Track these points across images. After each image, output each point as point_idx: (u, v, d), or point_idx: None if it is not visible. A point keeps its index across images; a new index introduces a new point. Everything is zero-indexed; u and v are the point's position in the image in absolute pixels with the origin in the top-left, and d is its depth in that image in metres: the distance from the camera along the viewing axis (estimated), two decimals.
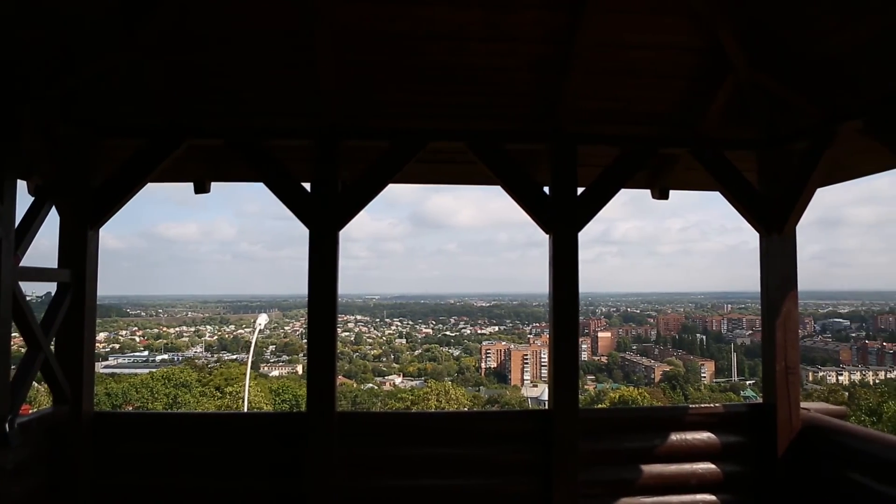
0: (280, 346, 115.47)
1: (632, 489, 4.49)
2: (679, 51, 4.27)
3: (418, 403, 36.51)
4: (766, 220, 4.58)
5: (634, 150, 4.47)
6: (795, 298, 4.60)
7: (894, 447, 3.86)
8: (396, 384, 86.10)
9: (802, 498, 4.41)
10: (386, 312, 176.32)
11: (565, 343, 4.35)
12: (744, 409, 4.90)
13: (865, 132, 3.85)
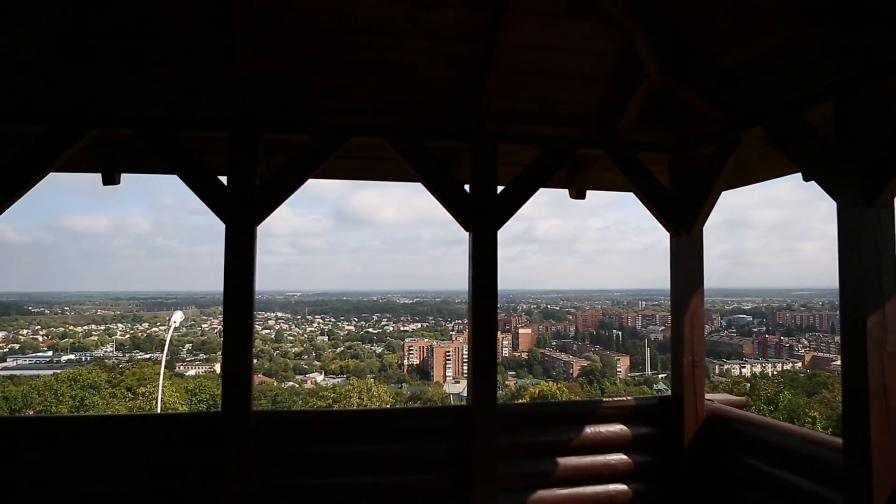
0: (197, 344, 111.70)
1: (548, 481, 4.61)
2: (596, 55, 4.40)
3: (340, 401, 36.14)
4: (676, 221, 4.80)
5: (553, 151, 4.58)
6: (702, 295, 4.84)
7: (785, 433, 4.13)
8: (318, 382, 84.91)
9: (706, 483, 4.65)
10: (308, 309, 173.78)
11: (484, 340, 4.41)
12: (654, 401, 5.11)
13: (765, 139, 4.09)
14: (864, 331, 3.09)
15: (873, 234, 3.11)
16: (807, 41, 3.43)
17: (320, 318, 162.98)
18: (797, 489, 3.83)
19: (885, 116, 3.14)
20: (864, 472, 3.09)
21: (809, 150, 3.55)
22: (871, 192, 3.08)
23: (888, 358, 3.10)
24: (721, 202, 4.63)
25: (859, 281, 3.13)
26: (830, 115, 3.34)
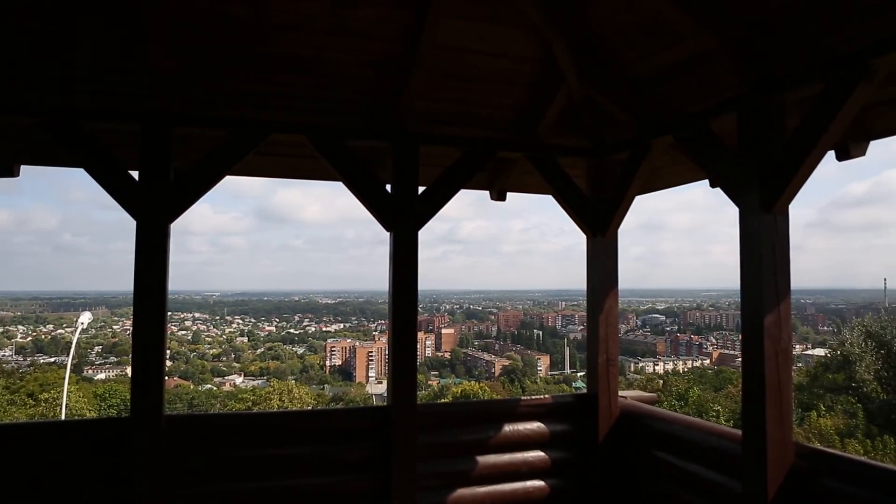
0: (108, 346, 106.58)
1: (467, 480, 4.66)
2: (518, 60, 4.48)
3: (260, 404, 35.32)
4: (592, 224, 4.95)
5: (474, 152, 4.63)
6: (616, 296, 5.02)
7: (692, 427, 4.34)
8: (237, 384, 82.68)
9: (619, 477, 4.82)
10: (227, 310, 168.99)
11: (404, 340, 4.41)
12: (570, 399, 5.25)
13: (675, 147, 4.29)
14: (762, 329, 3.29)
15: (771, 238, 3.32)
16: (713, 56, 3.60)
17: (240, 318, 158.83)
18: (702, 479, 4.03)
19: (781, 129, 3.36)
20: (760, 461, 3.29)
21: (715, 159, 3.75)
22: (769, 199, 3.29)
23: (783, 355, 3.31)
24: (638, 206, 4.83)
25: (758, 282, 3.33)
26: (734, 126, 3.54)
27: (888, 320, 38.73)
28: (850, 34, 2.97)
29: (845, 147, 3.64)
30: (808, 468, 3.30)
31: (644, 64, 4.14)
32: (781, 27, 3.24)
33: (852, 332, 38.56)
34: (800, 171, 3.16)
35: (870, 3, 2.83)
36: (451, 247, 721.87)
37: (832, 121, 3.00)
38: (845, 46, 2.98)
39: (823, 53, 3.11)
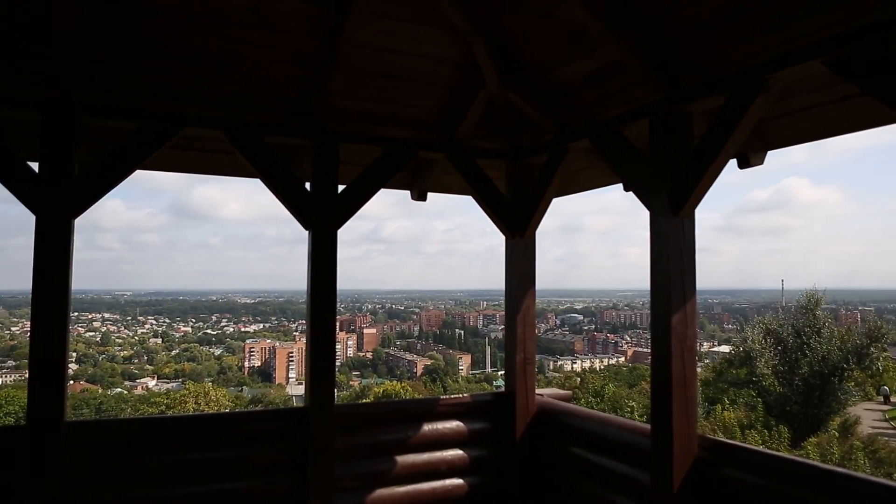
0: (5, 349, 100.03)
1: (386, 480, 4.65)
2: (439, 61, 4.52)
3: (174, 407, 34.03)
4: (511, 225, 5.04)
5: (395, 152, 4.63)
6: (534, 296, 5.12)
7: (604, 423, 4.48)
8: (150, 387, 79.33)
9: (536, 473, 4.92)
10: (139, 310, 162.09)
11: (322, 340, 4.35)
12: (489, 397, 5.32)
13: (591, 151, 4.42)
14: (670, 327, 3.44)
15: (678, 240, 3.47)
16: (628, 65, 3.73)
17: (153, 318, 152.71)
18: (614, 473, 4.17)
19: (689, 137, 3.52)
20: (666, 453, 3.44)
21: (628, 163, 3.90)
22: (677, 203, 3.44)
23: (688, 352, 3.48)
24: (558, 208, 4.99)
25: (666, 283, 3.48)
26: (646, 133, 3.69)
27: (785, 319, 41.25)
28: (751, 50, 3.15)
29: (746, 156, 3.86)
30: (710, 459, 3.47)
31: (562, 70, 4.24)
32: (690, 41, 3.39)
33: (753, 330, 40.84)
34: (704, 177, 3.32)
35: (767, 22, 3.01)
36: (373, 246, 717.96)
37: (734, 130, 3.17)
38: (746, 61, 3.15)
39: (727, 67, 3.28)
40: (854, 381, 39.65)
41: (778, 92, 3.12)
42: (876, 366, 39.44)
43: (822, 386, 36.59)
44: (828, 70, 2.77)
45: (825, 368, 36.64)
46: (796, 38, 2.90)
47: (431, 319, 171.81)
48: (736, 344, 47.33)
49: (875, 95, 2.58)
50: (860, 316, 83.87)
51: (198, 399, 34.92)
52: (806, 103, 3.50)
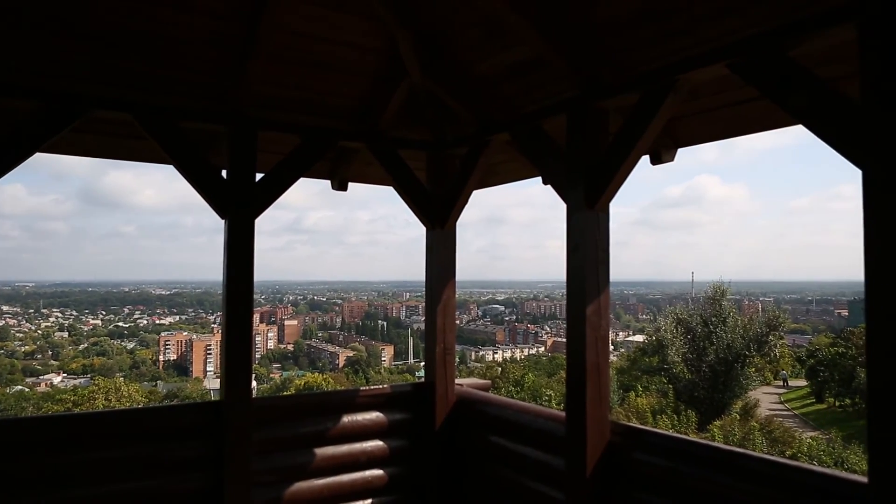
0: None
1: (305, 473, 4.60)
2: (362, 50, 4.46)
3: (82, 404, 32.47)
4: (432, 216, 5.05)
5: (315, 141, 4.54)
6: (454, 287, 5.16)
7: (521, 411, 4.58)
8: (55, 384, 75.24)
9: (455, 462, 4.98)
10: (43, 302, 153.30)
11: (238, 332, 4.24)
12: (409, 388, 5.34)
13: (511, 144, 4.48)
14: (584, 317, 3.54)
15: (594, 233, 3.58)
16: (548, 60, 3.78)
17: (59, 311, 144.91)
18: (530, 459, 4.27)
19: (604, 133, 3.63)
20: (580, 439, 3.55)
21: (546, 157, 3.97)
22: (593, 197, 3.54)
23: (601, 341, 3.59)
24: (482, 200, 5.05)
25: (581, 274, 3.58)
26: (564, 128, 3.77)
27: (694, 309, 43.34)
28: (662, 51, 3.26)
29: (658, 153, 4.02)
30: (621, 443, 3.61)
31: (485, 63, 4.27)
32: (607, 40, 3.48)
33: (665, 320, 42.76)
34: (619, 172, 3.43)
35: (678, 26, 3.13)
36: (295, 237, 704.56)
37: (646, 128, 3.28)
38: (658, 62, 3.27)
39: (641, 67, 3.39)
40: (755, 367, 42.20)
41: (687, 92, 3.25)
42: (774, 352, 42.16)
43: (726, 372, 38.73)
44: (732, 73, 2.91)
45: (729, 355, 38.83)
46: (703, 42, 3.03)
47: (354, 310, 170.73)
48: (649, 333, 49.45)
49: (772, 98, 2.73)
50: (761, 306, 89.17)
51: (108, 395, 33.45)
52: (713, 104, 3.67)
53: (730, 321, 39.96)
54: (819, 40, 2.62)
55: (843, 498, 2.62)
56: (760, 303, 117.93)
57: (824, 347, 49.72)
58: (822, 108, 2.53)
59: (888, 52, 2.28)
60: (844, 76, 2.68)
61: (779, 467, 2.93)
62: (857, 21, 2.39)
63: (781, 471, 2.90)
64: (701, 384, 38.97)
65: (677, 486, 3.33)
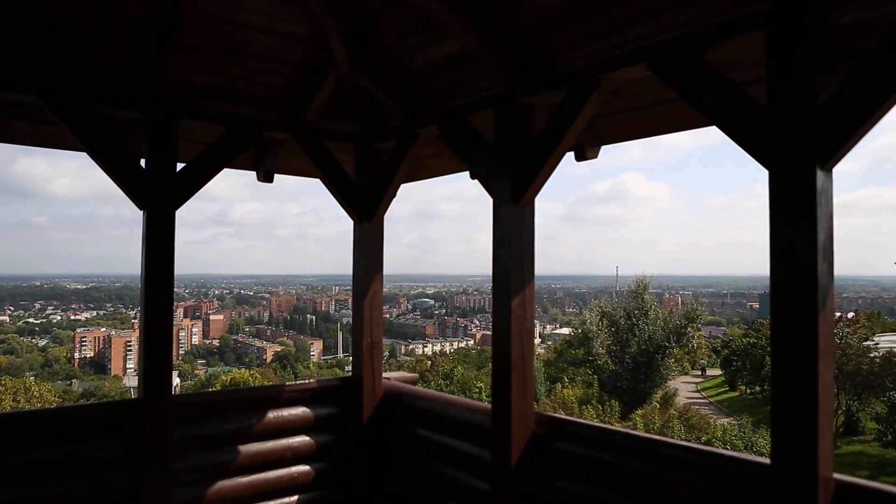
0: None
1: (229, 471, 4.49)
2: (289, 39, 4.35)
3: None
4: (359, 209, 5.01)
5: (239, 131, 4.42)
6: (381, 281, 5.14)
7: (448, 404, 4.62)
8: None
9: (383, 456, 4.97)
10: None
11: (157, 327, 4.08)
12: (336, 382, 5.29)
13: (439, 138, 4.50)
14: (510, 311, 3.60)
15: (519, 228, 3.63)
16: (477, 55, 3.82)
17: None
18: (457, 451, 4.31)
19: (531, 129, 3.69)
20: (505, 430, 3.61)
21: (473, 152, 4.01)
22: (518, 192, 3.59)
23: (526, 334, 3.66)
24: (412, 194, 5.05)
25: (506, 268, 3.63)
26: (491, 123, 3.81)
27: (618, 302, 44.79)
28: (587, 50, 3.34)
29: (582, 149, 4.12)
30: (545, 434, 3.70)
31: (414, 56, 4.26)
32: (534, 37, 3.54)
33: (591, 313, 44.02)
34: (544, 168, 3.50)
35: (602, 26, 3.22)
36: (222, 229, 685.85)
37: (571, 125, 3.35)
38: (583, 60, 3.35)
39: (566, 65, 3.46)
40: (674, 358, 44.02)
41: (610, 91, 3.34)
42: (692, 343, 44.12)
43: (647, 363, 40.26)
44: (652, 74, 3.01)
45: (651, 347, 40.37)
46: (625, 44, 3.13)
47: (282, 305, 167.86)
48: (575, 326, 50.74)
49: (688, 100, 2.85)
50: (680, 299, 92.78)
51: (17, 395, 31.71)
52: (635, 104, 3.79)
53: (651, 314, 41.55)
54: (731, 46, 2.75)
55: (749, 478, 2.77)
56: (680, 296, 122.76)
57: (737, 338, 52.25)
58: (733, 110, 2.65)
59: (792, 59, 2.41)
60: (753, 81, 2.82)
61: (691, 452, 3.08)
62: (765, 29, 2.52)
63: (694, 455, 3.04)
64: (624, 375, 40.37)
65: (597, 474, 3.44)
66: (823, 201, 2.34)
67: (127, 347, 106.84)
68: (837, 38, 2.54)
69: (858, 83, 2.27)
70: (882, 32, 2.24)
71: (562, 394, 37.11)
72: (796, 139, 2.38)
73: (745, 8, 2.62)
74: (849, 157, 2.35)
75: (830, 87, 2.36)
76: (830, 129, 2.32)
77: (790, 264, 2.39)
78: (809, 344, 2.32)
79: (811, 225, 2.32)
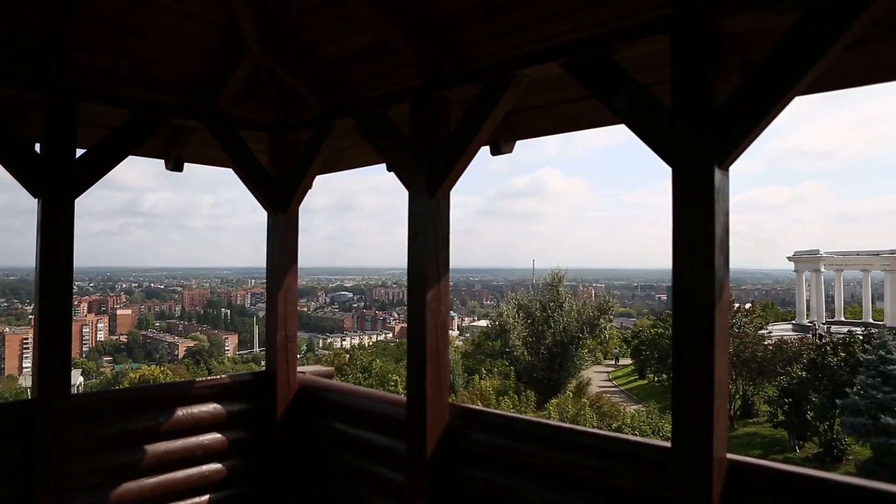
0: None
1: (135, 472, 4.30)
2: (200, 21, 4.18)
3: None
4: (273, 200, 4.90)
5: (146, 116, 4.21)
6: (296, 273, 5.05)
7: (364, 397, 4.61)
8: None
9: (298, 451, 4.90)
10: None
11: (54, 323, 3.83)
12: (249, 377, 5.16)
13: (355, 129, 4.45)
14: (425, 303, 3.62)
15: (434, 221, 3.65)
16: (394, 47, 3.79)
17: None
18: (373, 444, 4.31)
19: (447, 122, 3.71)
20: (420, 422, 3.63)
21: (389, 144, 3.99)
22: (433, 185, 3.61)
23: (441, 326, 3.69)
24: (332, 186, 4.98)
25: (421, 260, 3.65)
26: (408, 115, 3.81)
27: (534, 295, 45.87)
28: (502, 46, 3.39)
29: (497, 143, 4.18)
30: (460, 425, 3.74)
31: (331, 45, 4.19)
32: (451, 31, 3.55)
33: (508, 306, 44.90)
34: (459, 161, 3.53)
35: (517, 23, 3.27)
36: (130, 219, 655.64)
37: (486, 119, 3.40)
38: (498, 56, 3.39)
39: (482, 59, 3.50)
40: (587, 349, 45.51)
41: (525, 87, 3.40)
42: (604, 334, 45.73)
43: (562, 353, 41.45)
44: (565, 72, 3.09)
45: (565, 338, 41.59)
46: (540, 41, 3.19)
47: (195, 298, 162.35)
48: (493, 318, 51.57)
49: (599, 98, 2.94)
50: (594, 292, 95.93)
51: None
52: (549, 100, 3.88)
53: (566, 306, 42.80)
54: (639, 47, 2.86)
55: (652, 461, 2.90)
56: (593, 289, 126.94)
57: (646, 329, 54.58)
58: (640, 109, 2.76)
59: (693, 62, 2.53)
60: (660, 82, 2.93)
61: (599, 438, 3.20)
62: (670, 33, 2.63)
63: (601, 441, 3.16)
64: (539, 365, 41.40)
65: (510, 462, 3.52)
66: (721, 198, 2.48)
67: (23, 345, 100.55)
68: (735, 46, 2.68)
69: (752, 88, 2.41)
70: (771, 42, 2.38)
71: (479, 385, 37.66)
72: (696, 139, 2.50)
73: (652, 12, 2.73)
74: (748, 158, 2.52)
75: (728, 90, 2.50)
76: (727, 130, 2.45)
77: (690, 257, 2.52)
78: (707, 332, 2.45)
79: (709, 220, 2.45)
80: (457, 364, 44.23)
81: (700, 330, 2.47)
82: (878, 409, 22.55)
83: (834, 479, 2.44)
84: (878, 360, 23.76)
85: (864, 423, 22.70)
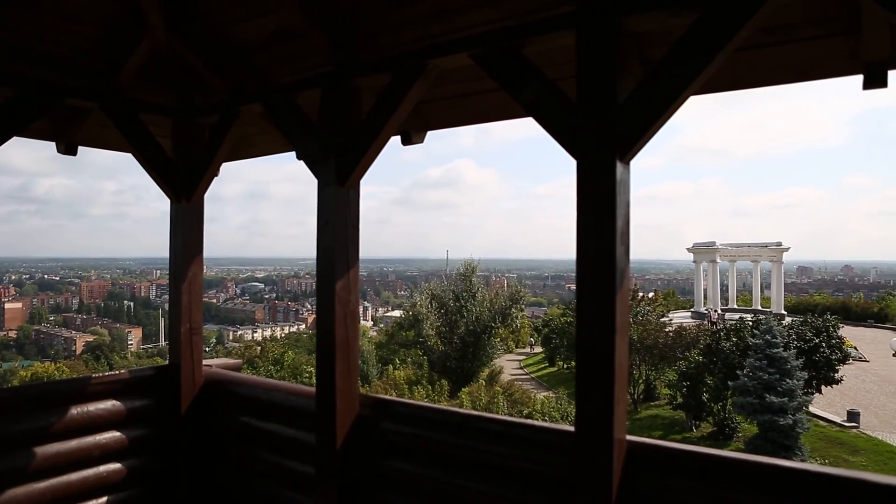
0: None
1: (24, 476, 4.02)
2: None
3: None
4: (177, 188, 4.69)
5: (32, 96, 3.93)
6: (201, 263, 4.87)
7: (272, 389, 4.52)
8: None
9: (206, 447, 4.75)
10: None
11: None
12: (150, 372, 4.94)
13: (264, 116, 4.33)
14: (334, 293, 3.58)
15: (344, 210, 3.61)
16: (305, 32, 3.70)
17: None
18: (282, 437, 4.24)
19: (357, 111, 3.67)
20: (330, 413, 3.60)
21: (299, 131, 3.90)
22: (343, 173, 3.57)
23: (351, 316, 3.66)
24: (244, 174, 4.80)
25: (331, 250, 3.60)
26: (318, 103, 3.74)
27: (447, 285, 46.32)
28: (414, 36, 3.38)
29: (408, 134, 4.18)
30: (370, 415, 3.74)
31: (238, 28, 4.04)
32: (363, 18, 3.51)
33: (421, 296, 45.11)
34: (370, 150, 3.50)
35: (428, 12, 3.27)
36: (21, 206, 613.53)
37: (396, 109, 3.39)
38: (409, 45, 3.38)
39: (393, 49, 3.48)
40: (499, 337, 46.39)
41: (436, 77, 3.41)
42: (515, 323, 46.77)
43: (475, 343, 42.08)
44: (475, 63, 3.12)
45: (478, 327, 42.23)
46: (450, 31, 3.20)
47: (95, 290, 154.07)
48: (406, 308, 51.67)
49: (508, 91, 2.98)
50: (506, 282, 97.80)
51: None
52: (460, 91, 3.91)
53: (478, 296, 43.46)
54: (547, 41, 2.92)
55: (558, 446, 3.00)
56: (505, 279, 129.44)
57: (556, 317, 56.07)
58: (547, 103, 2.82)
59: (597, 58, 2.62)
60: (566, 77, 3.01)
61: (506, 425, 3.27)
62: (575, 29, 2.70)
63: (509, 428, 3.24)
64: (452, 355, 41.88)
65: (421, 451, 3.55)
66: (622, 190, 2.58)
67: None
68: (637, 44, 2.79)
69: (651, 85, 2.52)
70: (669, 42, 2.49)
71: (393, 375, 37.70)
72: (599, 133, 2.59)
73: (558, 8, 2.79)
74: (653, 153, 2.62)
75: (629, 87, 2.60)
76: (628, 125, 2.55)
77: (592, 248, 2.61)
78: (608, 319, 2.55)
79: (610, 212, 2.55)
80: (370, 354, 44.05)
81: (602, 317, 2.57)
82: (763, 389, 24.15)
83: (720, 455, 2.62)
84: (764, 344, 25.40)
85: (752, 403, 24.25)
